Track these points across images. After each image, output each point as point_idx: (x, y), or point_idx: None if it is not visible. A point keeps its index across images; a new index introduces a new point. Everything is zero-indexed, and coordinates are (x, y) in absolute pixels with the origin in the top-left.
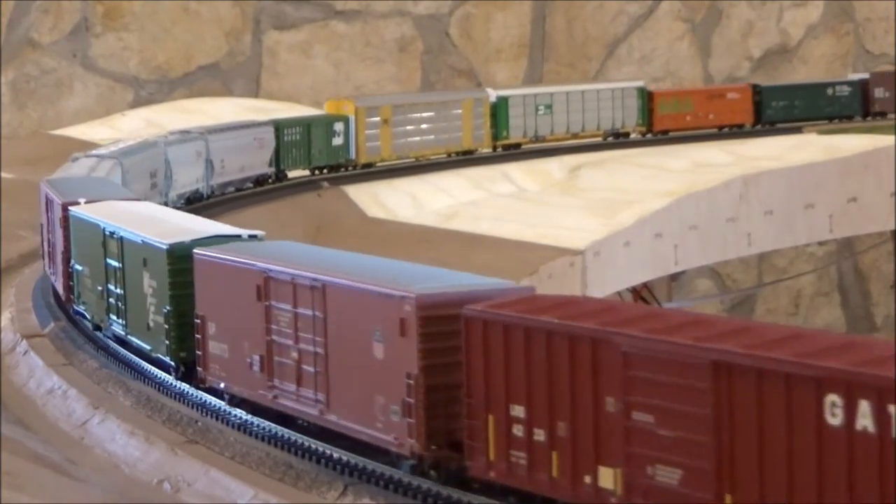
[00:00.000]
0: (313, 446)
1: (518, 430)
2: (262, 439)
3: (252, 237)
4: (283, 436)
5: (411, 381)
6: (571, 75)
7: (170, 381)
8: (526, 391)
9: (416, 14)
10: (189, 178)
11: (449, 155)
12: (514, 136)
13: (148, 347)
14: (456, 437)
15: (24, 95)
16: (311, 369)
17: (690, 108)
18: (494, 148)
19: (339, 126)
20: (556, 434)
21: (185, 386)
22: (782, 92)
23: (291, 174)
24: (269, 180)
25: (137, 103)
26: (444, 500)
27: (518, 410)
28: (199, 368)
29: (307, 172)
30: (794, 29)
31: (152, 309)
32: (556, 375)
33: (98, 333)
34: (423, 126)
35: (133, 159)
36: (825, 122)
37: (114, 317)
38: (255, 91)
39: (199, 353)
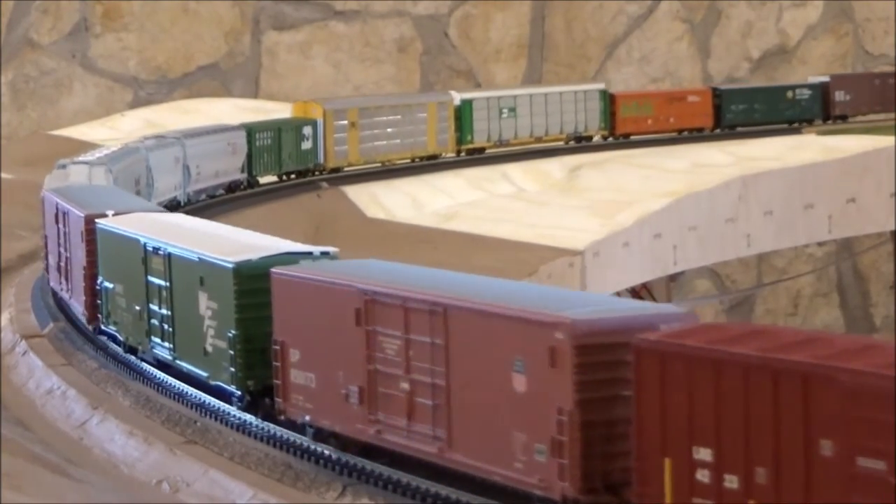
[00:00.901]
0: (312, 447)
1: (703, 476)
2: (262, 439)
3: (324, 254)
4: (282, 436)
5: (563, 418)
6: (571, 76)
7: (169, 382)
8: (715, 432)
9: (415, 14)
10: (168, 185)
11: (413, 160)
12: (479, 141)
13: (204, 374)
14: (613, 480)
15: (23, 96)
16: (428, 402)
17: (651, 111)
18: (458, 152)
19: (307, 130)
20: (753, 481)
21: (184, 386)
22: (741, 95)
23: (263, 180)
24: (242, 187)
25: (137, 104)
26: (443, 500)
27: (704, 453)
28: (277, 399)
29: (275, 178)
30: (793, 29)
31: (211, 333)
32: (754, 415)
33: (131, 356)
34: (390, 130)
35: (120, 165)
36: (784, 126)
37: (157, 339)
38: (254, 91)
39: (276, 382)
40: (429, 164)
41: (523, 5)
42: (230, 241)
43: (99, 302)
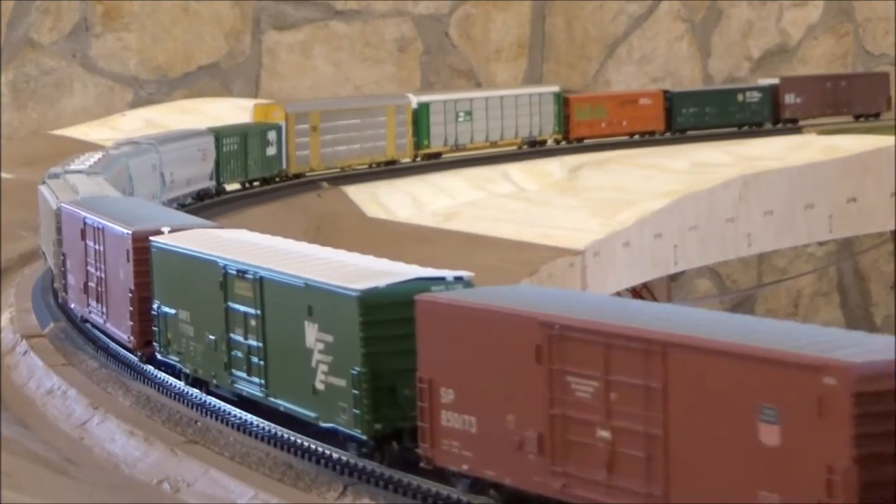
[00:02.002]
0: (313, 446)
1: None
2: (262, 439)
3: (458, 280)
4: (282, 436)
5: (835, 477)
6: (571, 75)
7: (169, 381)
8: None
9: (415, 14)
10: (146, 194)
11: (370, 166)
12: (435, 146)
13: (312, 415)
14: None
15: (23, 95)
16: (639, 454)
17: (604, 114)
18: (415, 157)
19: (272, 135)
20: None
21: (184, 386)
22: (692, 98)
23: (231, 187)
24: (211, 195)
25: (137, 103)
26: (443, 500)
27: None
28: (422, 445)
29: (239, 186)
30: (793, 29)
31: (323, 369)
32: None
33: (197, 390)
34: (350, 134)
35: (110, 175)
36: (734, 129)
37: (241, 374)
38: (254, 91)
39: (422, 425)
40: (398, 167)
41: (524, 5)
42: (340, 265)
43: (155, 329)
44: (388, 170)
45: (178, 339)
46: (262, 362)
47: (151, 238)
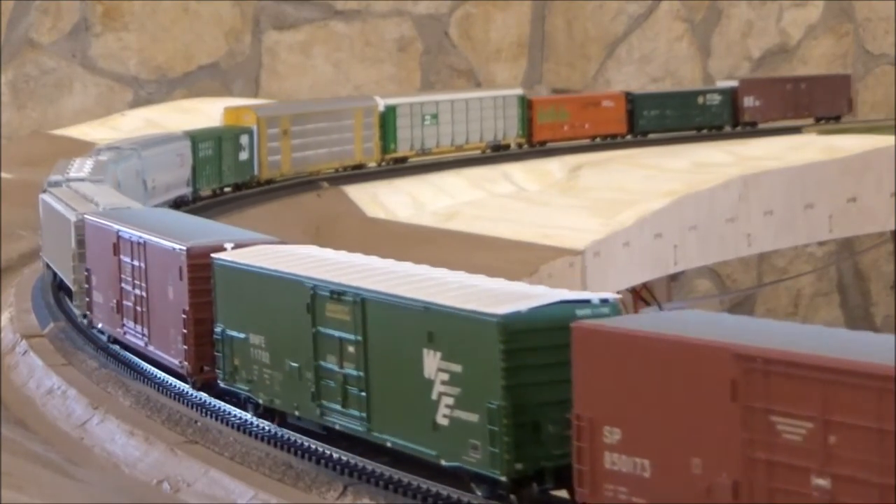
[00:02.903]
0: (313, 446)
1: None
2: (262, 439)
3: (604, 302)
4: (282, 436)
5: None
6: (571, 75)
7: (169, 381)
8: None
9: (415, 14)
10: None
11: (336, 170)
12: (402, 150)
13: (430, 453)
14: None
15: (23, 95)
16: None
17: (567, 117)
18: (380, 163)
19: (245, 139)
20: None
21: (184, 386)
22: (654, 100)
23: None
24: (187, 202)
25: (137, 103)
26: (444, 500)
27: None
28: (579, 490)
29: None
30: (793, 29)
31: (448, 402)
32: None
33: (267, 423)
34: (320, 138)
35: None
36: (694, 133)
37: (334, 405)
38: (254, 91)
39: (579, 467)
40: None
41: (524, 5)
42: (459, 286)
43: (218, 354)
44: (390, 169)
45: (249, 365)
46: (363, 393)
47: (213, 255)
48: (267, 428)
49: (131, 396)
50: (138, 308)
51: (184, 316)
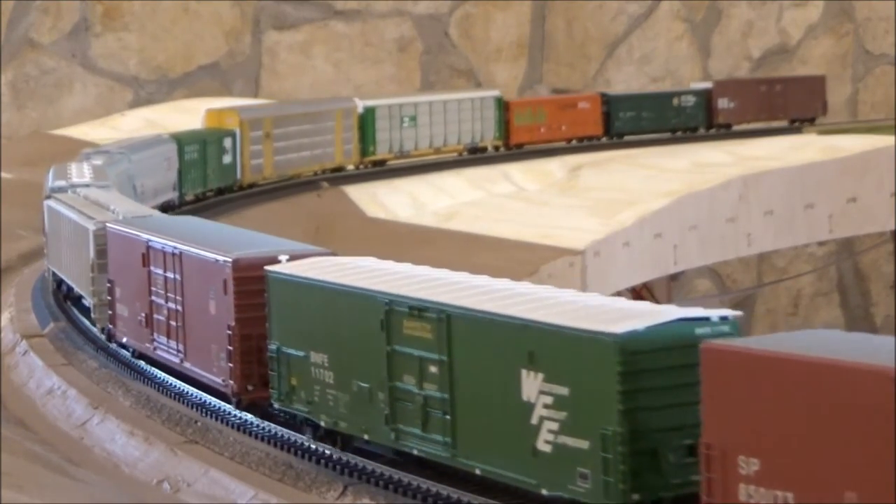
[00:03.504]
0: (313, 446)
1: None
2: (262, 439)
3: (724, 320)
4: (282, 436)
5: None
6: (571, 75)
7: (169, 381)
8: None
9: (415, 14)
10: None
11: (315, 173)
12: (381, 152)
13: (529, 481)
14: None
15: (23, 95)
16: None
17: (544, 119)
18: (358, 165)
19: (228, 142)
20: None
21: (184, 386)
22: (629, 102)
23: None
24: (174, 207)
25: (137, 103)
26: (444, 500)
27: None
28: None
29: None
30: (793, 29)
31: (550, 427)
32: None
33: (324, 444)
34: (301, 140)
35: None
36: (669, 135)
37: (412, 429)
38: (254, 91)
39: (708, 500)
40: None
41: (524, 5)
42: (558, 302)
43: (272, 373)
44: (390, 169)
45: (308, 385)
46: (447, 416)
47: (268, 268)
48: (267, 428)
49: (131, 396)
50: (172, 322)
51: (228, 332)
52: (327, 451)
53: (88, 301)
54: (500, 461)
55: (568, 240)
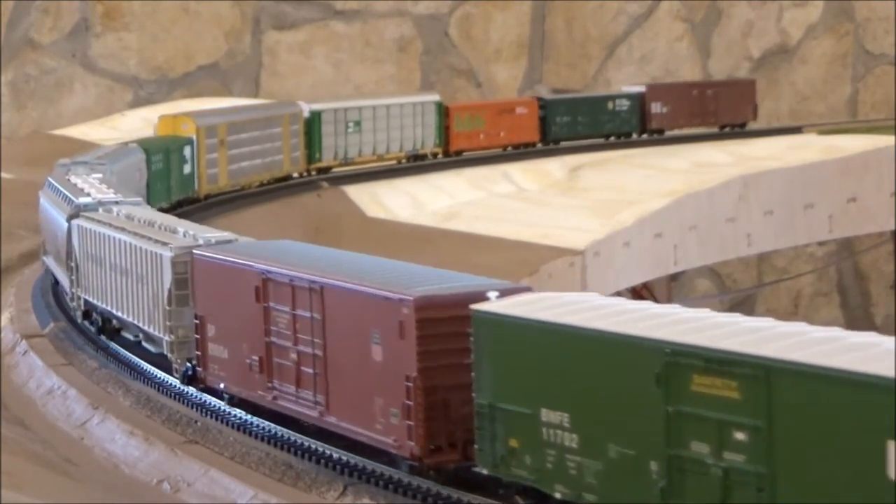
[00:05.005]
0: (313, 446)
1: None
2: (262, 439)
3: None
4: (282, 436)
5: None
6: (571, 75)
7: (169, 381)
8: None
9: (415, 14)
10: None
11: (262, 184)
12: (326, 159)
13: None
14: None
15: (23, 95)
16: None
17: (483, 125)
18: (302, 174)
19: (188, 150)
20: None
21: (184, 386)
22: (565, 106)
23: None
24: None
25: (137, 103)
26: (444, 500)
27: None
28: None
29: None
30: (793, 29)
31: None
32: None
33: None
34: (253, 148)
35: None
36: (603, 140)
37: None
38: (254, 91)
39: None
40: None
41: (524, 5)
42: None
43: (479, 432)
44: (390, 169)
45: (537, 449)
46: (760, 492)
47: (476, 307)
48: (267, 428)
49: (131, 396)
50: (306, 369)
51: (407, 384)
52: (327, 451)
53: (158, 336)
54: None
55: (568, 240)
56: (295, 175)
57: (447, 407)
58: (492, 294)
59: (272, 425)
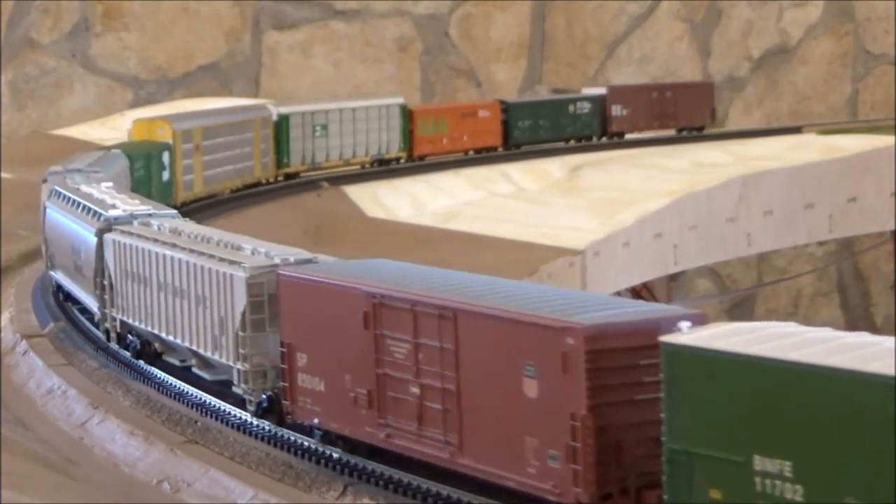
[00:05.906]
0: (313, 446)
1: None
2: (262, 439)
3: None
4: (282, 436)
5: None
6: (571, 75)
7: (169, 381)
8: None
9: (415, 14)
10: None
11: (233, 191)
12: (294, 164)
13: None
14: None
15: (23, 95)
16: None
17: (446, 129)
18: (268, 180)
19: (166, 156)
20: None
21: (184, 386)
22: (527, 109)
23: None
24: None
25: (137, 103)
26: (444, 500)
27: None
28: None
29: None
30: (793, 29)
31: None
32: None
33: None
34: (226, 153)
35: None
36: (564, 144)
37: None
38: (254, 91)
39: None
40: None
41: (524, 5)
42: None
43: (667, 480)
44: (390, 169)
45: (748, 502)
46: None
47: (665, 339)
48: (267, 428)
49: (131, 396)
50: (432, 405)
51: (574, 423)
52: (327, 451)
53: (225, 364)
54: None
55: (568, 240)
56: (263, 182)
57: (620, 449)
58: (683, 325)
59: (272, 425)
